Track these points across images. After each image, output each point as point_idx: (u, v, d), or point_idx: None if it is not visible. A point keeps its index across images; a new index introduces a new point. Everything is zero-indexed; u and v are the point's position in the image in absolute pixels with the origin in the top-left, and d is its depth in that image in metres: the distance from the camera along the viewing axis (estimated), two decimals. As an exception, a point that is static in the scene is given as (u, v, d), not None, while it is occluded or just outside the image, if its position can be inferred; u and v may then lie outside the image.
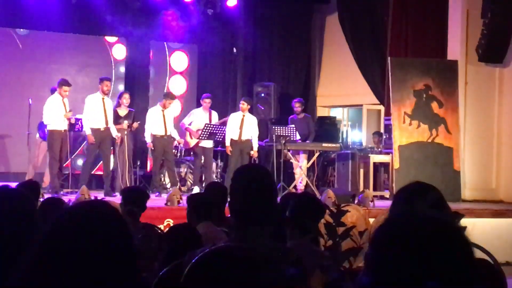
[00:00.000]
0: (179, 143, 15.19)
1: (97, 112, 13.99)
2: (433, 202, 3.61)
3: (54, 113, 13.70)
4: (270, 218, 3.55)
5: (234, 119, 15.05)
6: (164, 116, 14.55)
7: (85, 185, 12.59)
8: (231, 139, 14.88)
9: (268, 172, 3.85)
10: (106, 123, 14.02)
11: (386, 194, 14.84)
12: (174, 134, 14.79)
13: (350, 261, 4.40)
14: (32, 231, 2.73)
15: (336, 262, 4.29)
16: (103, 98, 14.08)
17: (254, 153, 15.02)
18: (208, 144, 15.06)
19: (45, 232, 2.08)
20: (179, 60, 18.39)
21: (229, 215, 3.89)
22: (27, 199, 2.88)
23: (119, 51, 17.55)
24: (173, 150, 15.13)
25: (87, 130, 13.98)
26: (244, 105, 15.05)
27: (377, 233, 1.99)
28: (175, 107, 15.75)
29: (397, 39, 15.61)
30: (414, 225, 1.95)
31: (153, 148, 14.62)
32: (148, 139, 14.62)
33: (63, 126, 13.78)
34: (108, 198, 11.80)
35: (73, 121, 13.97)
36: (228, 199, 3.79)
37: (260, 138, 15.57)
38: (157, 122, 14.52)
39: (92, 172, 14.99)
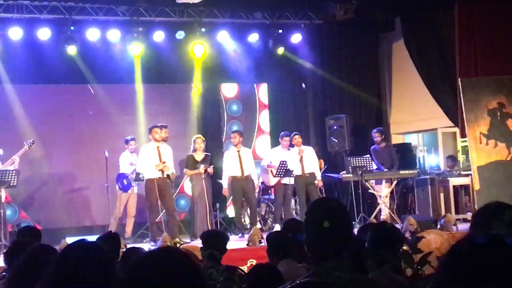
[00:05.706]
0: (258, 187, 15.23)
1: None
2: (511, 221, 3.54)
3: (148, 162, 13.66)
4: (346, 250, 3.54)
5: (293, 155, 15.06)
6: (240, 157, 14.62)
7: (166, 232, 12.71)
8: (297, 175, 14.89)
9: (340, 204, 3.85)
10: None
11: (469, 216, 14.59)
12: (254, 175, 14.83)
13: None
14: (112, 283, 2.77)
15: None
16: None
17: (318, 182, 15.03)
18: (289, 181, 15.07)
19: (121, 281, 2.13)
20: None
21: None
22: (105, 252, 2.92)
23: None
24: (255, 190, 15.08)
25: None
26: (300, 139, 15.13)
27: (438, 270, 1.92)
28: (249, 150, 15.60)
29: (466, 59, 15.46)
30: (474, 254, 1.87)
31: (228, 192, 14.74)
32: (224, 184, 14.69)
33: (158, 173, 13.61)
34: (190, 243, 11.87)
35: (167, 170, 13.68)
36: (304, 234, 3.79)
37: (336, 171, 15.52)
38: (233, 163, 14.61)
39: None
